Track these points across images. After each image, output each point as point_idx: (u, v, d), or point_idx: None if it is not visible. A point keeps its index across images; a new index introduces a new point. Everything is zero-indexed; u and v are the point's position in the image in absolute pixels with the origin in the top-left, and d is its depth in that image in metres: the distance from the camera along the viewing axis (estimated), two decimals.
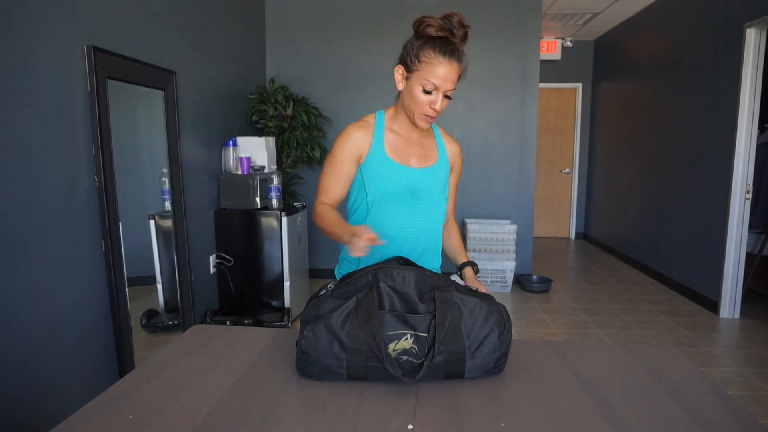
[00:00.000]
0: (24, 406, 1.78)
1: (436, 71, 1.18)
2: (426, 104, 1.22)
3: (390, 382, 1.01)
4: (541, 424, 0.90)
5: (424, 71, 1.19)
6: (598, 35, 6.43)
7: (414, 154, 1.35)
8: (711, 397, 0.99)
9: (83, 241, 2.08)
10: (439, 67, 1.18)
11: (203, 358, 1.17)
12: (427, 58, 1.19)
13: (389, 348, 0.97)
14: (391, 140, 1.34)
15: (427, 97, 1.22)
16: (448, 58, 1.18)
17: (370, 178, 1.33)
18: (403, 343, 0.97)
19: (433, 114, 1.24)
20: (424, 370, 0.94)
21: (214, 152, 3.38)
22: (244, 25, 3.97)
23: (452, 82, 1.20)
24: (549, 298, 4.31)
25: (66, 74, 1.98)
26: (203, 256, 3.22)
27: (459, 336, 0.99)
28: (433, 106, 1.22)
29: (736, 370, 2.92)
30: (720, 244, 3.80)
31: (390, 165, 1.32)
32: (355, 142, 1.32)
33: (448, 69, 1.18)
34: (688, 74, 4.32)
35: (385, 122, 1.36)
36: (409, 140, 1.35)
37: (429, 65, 1.19)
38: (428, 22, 1.19)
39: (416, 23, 1.21)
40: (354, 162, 1.33)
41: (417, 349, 0.98)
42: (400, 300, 1.01)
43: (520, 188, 4.63)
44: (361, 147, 1.32)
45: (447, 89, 1.21)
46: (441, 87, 1.20)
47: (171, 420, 0.91)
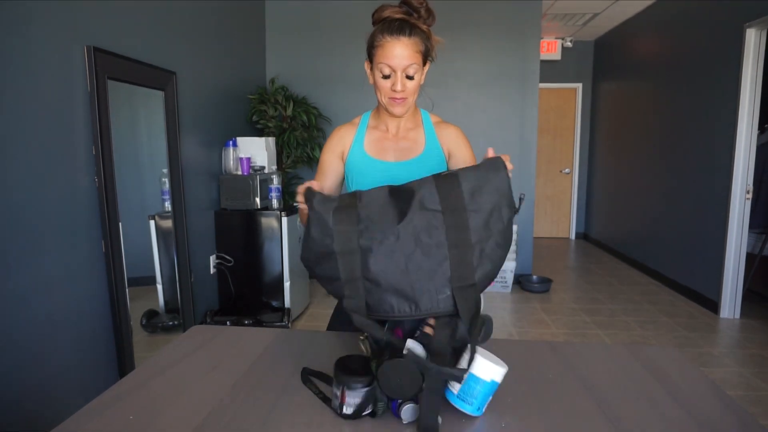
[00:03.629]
0: (24, 406, 1.78)
1: (386, 52, 1.17)
2: (388, 88, 1.21)
3: None
4: (542, 424, 0.90)
5: (378, 56, 1.19)
6: (598, 35, 6.43)
7: (394, 148, 1.34)
8: (711, 397, 0.99)
9: (83, 241, 2.08)
10: (387, 47, 1.16)
11: (203, 358, 1.17)
12: (377, 41, 1.19)
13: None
14: (371, 137, 1.35)
15: (387, 81, 1.21)
16: (396, 35, 1.16)
17: (351, 176, 1.35)
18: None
19: (399, 96, 1.22)
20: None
21: (214, 152, 3.38)
22: (244, 26, 3.96)
23: (407, 59, 1.17)
24: (549, 298, 4.31)
25: (66, 74, 1.98)
26: (203, 257, 3.22)
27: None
28: (394, 88, 1.20)
29: (736, 370, 2.92)
30: (720, 244, 3.80)
31: (366, 160, 1.33)
32: (339, 138, 1.36)
33: (397, 46, 1.16)
34: (688, 74, 4.32)
35: (369, 121, 1.38)
36: (393, 135, 1.35)
37: (380, 48, 1.18)
38: (382, 7, 1.19)
39: (372, 13, 1.21)
40: (337, 158, 1.36)
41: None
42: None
43: (519, 188, 4.63)
44: (344, 144, 1.35)
45: (404, 67, 1.18)
46: (397, 66, 1.18)
47: (171, 420, 0.91)
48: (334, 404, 0.92)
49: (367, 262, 0.88)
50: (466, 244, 0.88)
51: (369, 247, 0.88)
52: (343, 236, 0.89)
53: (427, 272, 0.87)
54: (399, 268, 0.88)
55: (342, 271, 0.89)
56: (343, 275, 0.90)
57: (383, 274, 0.88)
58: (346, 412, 0.90)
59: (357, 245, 0.89)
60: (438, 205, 0.89)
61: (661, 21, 4.88)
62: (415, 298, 0.88)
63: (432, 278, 0.87)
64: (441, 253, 0.88)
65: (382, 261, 0.88)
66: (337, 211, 0.91)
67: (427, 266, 0.87)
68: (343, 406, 0.90)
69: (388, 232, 0.88)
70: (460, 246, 0.88)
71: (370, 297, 0.90)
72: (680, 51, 4.48)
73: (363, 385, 0.89)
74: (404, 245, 0.88)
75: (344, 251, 0.89)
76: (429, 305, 0.87)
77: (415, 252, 0.88)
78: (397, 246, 0.88)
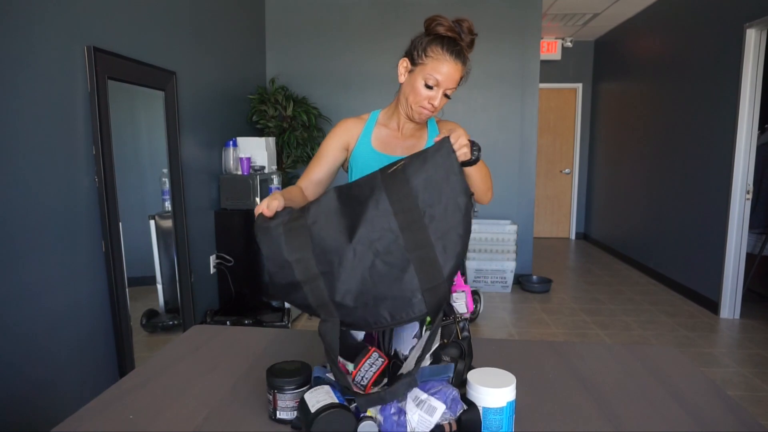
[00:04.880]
0: (24, 406, 1.78)
1: (440, 67, 1.21)
2: (425, 98, 1.25)
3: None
4: (542, 423, 0.90)
5: (429, 66, 1.22)
6: (599, 35, 6.43)
7: (401, 145, 1.37)
8: (711, 397, 0.99)
9: (83, 241, 2.08)
10: (445, 65, 1.21)
11: (203, 358, 1.17)
12: (434, 53, 1.22)
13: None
14: (380, 133, 1.38)
15: (428, 92, 1.24)
16: (454, 58, 1.21)
17: (355, 169, 1.37)
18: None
19: (430, 109, 1.26)
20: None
21: (214, 152, 3.38)
22: (244, 25, 3.96)
23: (454, 82, 1.23)
24: (549, 298, 4.31)
25: (66, 74, 1.98)
26: (203, 256, 3.22)
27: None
28: (431, 102, 1.25)
29: (736, 371, 2.92)
30: (720, 244, 3.80)
31: (373, 155, 1.35)
32: (346, 129, 1.38)
33: (453, 68, 1.21)
34: (688, 74, 4.32)
35: (379, 118, 1.40)
36: (400, 133, 1.38)
37: (435, 61, 1.22)
38: (439, 21, 1.23)
39: (428, 20, 1.25)
40: (339, 148, 1.37)
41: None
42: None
43: (520, 188, 4.63)
44: (350, 136, 1.37)
45: (448, 87, 1.24)
46: (442, 84, 1.23)
47: (171, 420, 0.91)
48: (268, 410, 0.91)
49: (332, 285, 0.86)
50: (426, 245, 0.85)
51: (329, 271, 0.86)
52: (301, 265, 0.87)
53: (393, 280, 0.85)
54: (365, 283, 0.85)
55: (310, 298, 0.88)
56: (313, 302, 0.88)
57: (350, 294, 0.86)
58: (281, 416, 0.89)
59: (317, 271, 0.87)
60: (390, 208, 0.86)
61: (661, 21, 4.88)
62: (388, 308, 0.86)
63: (400, 285, 0.85)
64: (403, 257, 0.85)
65: (346, 281, 0.86)
66: (289, 239, 0.89)
67: (391, 274, 0.85)
68: (277, 411, 0.89)
69: (344, 252, 0.86)
70: (421, 247, 0.85)
71: (345, 316, 0.88)
72: (680, 51, 4.48)
73: (294, 388, 0.89)
74: (363, 259, 0.86)
75: (307, 279, 0.87)
76: (403, 312, 0.85)
77: (376, 262, 0.85)
78: (356, 262, 0.86)
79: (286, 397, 0.88)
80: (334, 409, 0.80)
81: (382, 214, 0.86)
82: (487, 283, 4.43)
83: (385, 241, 0.85)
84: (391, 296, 0.85)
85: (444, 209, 0.86)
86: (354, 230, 0.86)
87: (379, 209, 0.86)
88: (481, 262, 4.38)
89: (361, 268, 0.85)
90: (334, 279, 0.86)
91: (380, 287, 0.85)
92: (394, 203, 0.86)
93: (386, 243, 0.85)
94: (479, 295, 3.79)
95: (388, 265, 0.85)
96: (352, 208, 0.88)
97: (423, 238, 0.85)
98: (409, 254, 0.85)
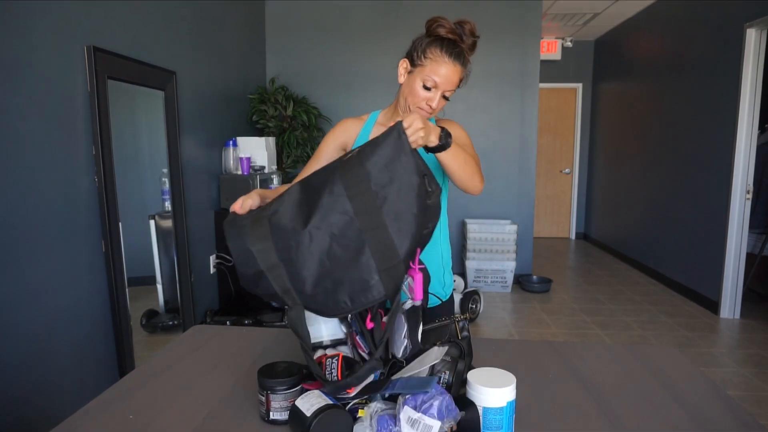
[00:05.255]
0: (24, 406, 1.78)
1: (439, 69, 1.21)
2: (423, 100, 1.25)
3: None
4: (542, 423, 0.90)
5: (428, 67, 1.22)
6: (599, 35, 6.43)
7: None
8: (711, 397, 0.99)
9: (83, 241, 2.08)
10: (443, 66, 1.21)
11: (203, 358, 1.17)
12: (433, 55, 1.21)
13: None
14: (378, 134, 1.36)
15: (426, 93, 1.24)
16: (453, 60, 1.21)
17: None
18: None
19: (428, 110, 1.26)
20: None
21: (214, 152, 3.38)
22: (244, 25, 3.96)
23: (452, 84, 1.23)
24: (549, 298, 4.31)
25: (66, 74, 1.98)
26: (203, 256, 3.22)
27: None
28: (429, 103, 1.24)
29: (736, 371, 2.92)
30: (720, 244, 3.80)
31: None
32: (344, 129, 1.39)
33: (451, 70, 1.21)
34: (688, 74, 4.32)
35: (378, 118, 1.40)
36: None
37: (434, 62, 1.21)
38: (440, 22, 1.23)
39: (429, 21, 1.25)
40: (337, 148, 1.38)
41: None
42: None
43: (520, 188, 4.63)
44: (348, 136, 1.38)
45: (446, 89, 1.23)
46: (441, 86, 1.22)
47: (171, 420, 0.91)
48: (261, 411, 0.91)
49: (293, 271, 0.88)
50: (380, 225, 0.85)
51: (288, 258, 0.88)
52: (263, 254, 0.89)
53: (350, 263, 0.86)
54: (323, 266, 0.87)
55: (275, 286, 0.89)
56: (277, 289, 0.89)
57: (310, 278, 0.87)
58: (274, 417, 0.89)
59: (278, 258, 0.89)
60: (344, 192, 0.86)
61: (661, 21, 4.88)
62: (347, 292, 0.86)
63: (357, 267, 0.85)
64: (358, 240, 0.86)
65: (304, 265, 0.87)
66: (252, 230, 0.91)
67: (348, 257, 0.86)
68: (270, 412, 0.89)
69: (300, 237, 0.87)
70: (376, 228, 0.85)
71: (308, 302, 0.89)
72: (680, 51, 4.48)
73: (287, 388, 0.89)
74: (320, 243, 0.86)
75: (269, 267, 0.89)
76: (362, 296, 0.86)
77: (332, 246, 0.86)
78: (313, 247, 0.87)
79: (279, 397, 0.88)
80: (332, 409, 0.80)
81: (337, 198, 0.86)
82: (487, 283, 4.43)
83: (341, 225, 0.86)
84: (348, 279, 0.85)
85: (397, 190, 0.86)
86: (310, 216, 0.87)
87: (334, 194, 0.86)
88: (481, 262, 4.38)
89: (318, 252, 0.86)
90: (293, 265, 0.87)
91: (338, 271, 0.86)
92: (349, 187, 0.86)
93: (342, 226, 0.86)
94: (479, 295, 3.79)
95: (345, 248, 0.86)
96: (310, 197, 0.90)
97: (377, 219, 0.85)
98: (365, 236, 0.85)
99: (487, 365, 1.03)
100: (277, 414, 0.89)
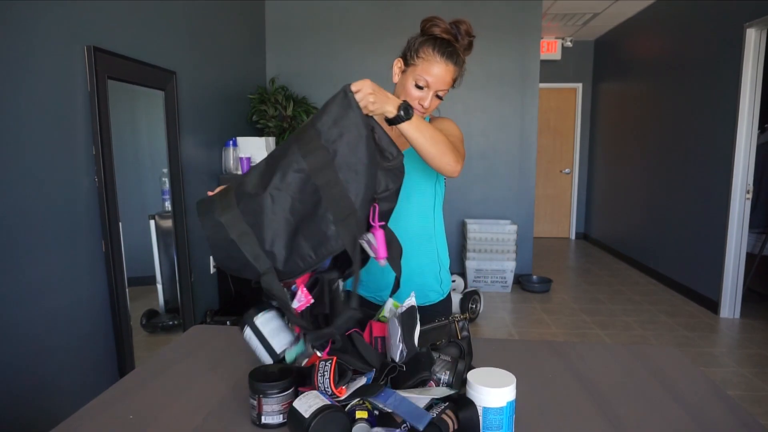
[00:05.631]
0: (24, 406, 1.78)
1: (431, 69, 1.20)
2: (415, 99, 1.24)
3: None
4: (542, 423, 0.90)
5: (420, 67, 1.21)
6: (598, 35, 6.43)
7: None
8: (711, 397, 0.99)
9: (83, 241, 2.08)
10: (435, 66, 1.20)
11: (203, 358, 1.17)
12: (425, 54, 1.21)
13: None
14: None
15: (418, 92, 1.23)
16: (445, 59, 1.20)
17: None
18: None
19: (421, 110, 1.25)
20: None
21: (214, 152, 3.38)
22: (244, 25, 3.96)
23: (445, 83, 1.22)
24: (549, 298, 4.31)
25: (66, 74, 1.98)
26: (203, 256, 3.22)
27: None
28: (421, 102, 1.23)
29: (736, 370, 2.92)
30: (720, 244, 3.80)
31: None
32: None
33: (443, 69, 1.20)
34: (688, 74, 4.32)
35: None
36: (393, 133, 1.34)
37: (426, 62, 1.21)
38: (435, 22, 1.22)
39: (424, 21, 1.24)
40: None
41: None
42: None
43: (520, 188, 4.63)
44: None
45: (438, 89, 1.22)
46: (433, 85, 1.21)
47: (171, 420, 0.91)
48: (252, 416, 0.90)
49: (261, 235, 0.91)
50: (333, 178, 0.89)
51: (255, 222, 0.91)
52: (231, 222, 0.92)
53: (310, 217, 0.90)
54: (288, 224, 0.90)
55: (247, 254, 0.92)
56: (249, 256, 0.92)
57: (279, 239, 0.90)
58: (266, 421, 0.88)
59: (246, 225, 0.91)
60: (298, 152, 0.90)
61: (661, 21, 4.88)
62: (311, 245, 0.90)
63: (316, 220, 0.89)
64: (315, 194, 0.89)
65: (270, 226, 0.90)
66: (219, 203, 0.95)
67: (308, 211, 0.90)
68: (261, 416, 0.88)
69: (262, 200, 0.90)
70: (329, 180, 0.89)
71: (279, 264, 0.92)
72: (680, 51, 4.48)
73: (279, 391, 0.88)
74: (282, 203, 0.90)
75: (240, 235, 0.92)
76: (323, 247, 0.89)
77: (294, 203, 0.90)
78: (276, 207, 0.90)
79: (271, 401, 0.87)
80: (330, 411, 0.80)
81: (292, 158, 0.90)
82: (487, 283, 4.43)
83: (298, 182, 0.90)
84: (310, 233, 0.90)
85: (347, 143, 0.89)
86: (270, 180, 0.91)
87: (288, 156, 0.91)
88: (480, 262, 4.38)
89: (281, 212, 0.90)
90: (260, 229, 0.91)
91: (302, 226, 0.90)
92: (302, 147, 0.91)
93: (299, 183, 0.90)
94: (479, 295, 3.79)
95: (304, 203, 0.90)
96: (270, 164, 0.93)
97: (330, 172, 0.89)
98: (320, 190, 0.89)
99: (487, 365, 1.03)
100: (269, 418, 0.88)
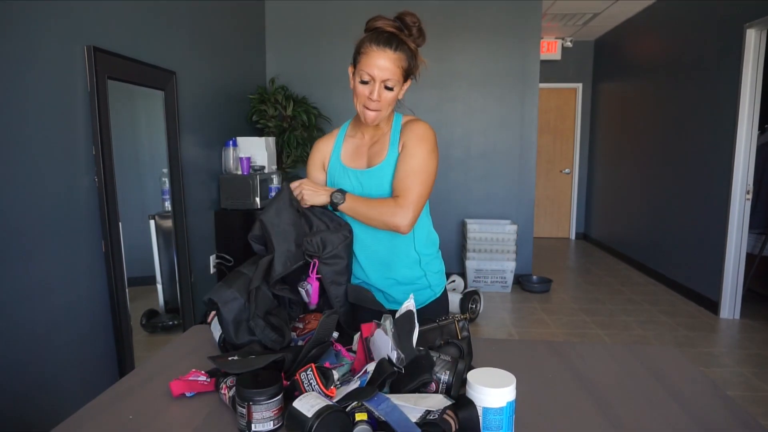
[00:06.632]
0: (24, 406, 1.78)
1: (370, 61, 1.19)
2: (365, 96, 1.22)
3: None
4: (542, 423, 0.90)
5: (361, 63, 1.21)
6: (598, 35, 6.43)
7: (367, 154, 1.34)
8: (711, 397, 0.99)
9: (83, 241, 2.08)
10: (373, 56, 1.19)
11: (203, 358, 1.17)
12: (363, 49, 1.21)
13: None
14: (348, 146, 1.37)
15: (365, 88, 1.22)
16: (382, 47, 1.18)
17: (330, 185, 1.37)
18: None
19: (374, 106, 1.22)
20: None
21: (214, 152, 3.38)
22: (244, 25, 3.97)
23: (389, 72, 1.19)
24: (549, 298, 4.31)
25: (66, 74, 1.98)
26: (203, 256, 3.22)
27: None
28: (370, 96, 1.21)
29: (736, 370, 2.92)
30: (720, 244, 3.80)
31: (340, 169, 1.35)
32: (317, 151, 1.41)
33: (382, 56, 1.18)
34: (688, 74, 4.32)
35: (347, 130, 1.39)
36: (367, 142, 1.35)
37: (365, 56, 1.20)
38: (376, 18, 1.23)
39: (367, 21, 1.24)
40: (319, 170, 1.40)
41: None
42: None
43: (520, 188, 4.63)
44: (323, 155, 1.40)
45: (383, 78, 1.20)
46: (377, 76, 1.19)
47: (171, 420, 0.91)
48: (241, 424, 0.87)
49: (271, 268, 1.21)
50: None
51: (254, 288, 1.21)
52: (240, 298, 1.22)
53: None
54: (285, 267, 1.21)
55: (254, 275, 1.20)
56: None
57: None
58: (256, 429, 0.85)
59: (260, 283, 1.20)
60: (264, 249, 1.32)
61: (661, 21, 4.88)
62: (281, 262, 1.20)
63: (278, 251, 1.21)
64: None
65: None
66: (228, 284, 1.26)
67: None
68: (252, 424, 0.85)
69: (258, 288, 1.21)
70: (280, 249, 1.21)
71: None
72: (680, 51, 4.48)
73: (268, 398, 0.85)
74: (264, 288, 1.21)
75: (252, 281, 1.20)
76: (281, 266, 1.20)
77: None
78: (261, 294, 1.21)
79: (261, 408, 0.85)
80: (332, 411, 0.80)
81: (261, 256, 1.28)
82: (487, 283, 4.43)
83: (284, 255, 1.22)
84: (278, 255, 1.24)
85: (282, 232, 1.21)
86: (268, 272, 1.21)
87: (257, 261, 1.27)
88: (481, 262, 4.38)
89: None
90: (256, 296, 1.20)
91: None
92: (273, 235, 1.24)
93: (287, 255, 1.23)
94: (479, 295, 3.79)
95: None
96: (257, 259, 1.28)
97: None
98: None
99: (487, 365, 1.03)
100: (259, 425, 0.85)
